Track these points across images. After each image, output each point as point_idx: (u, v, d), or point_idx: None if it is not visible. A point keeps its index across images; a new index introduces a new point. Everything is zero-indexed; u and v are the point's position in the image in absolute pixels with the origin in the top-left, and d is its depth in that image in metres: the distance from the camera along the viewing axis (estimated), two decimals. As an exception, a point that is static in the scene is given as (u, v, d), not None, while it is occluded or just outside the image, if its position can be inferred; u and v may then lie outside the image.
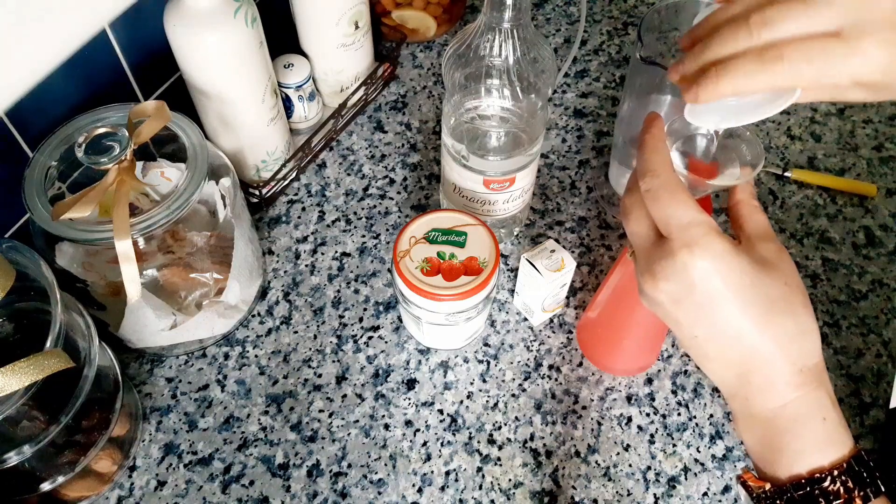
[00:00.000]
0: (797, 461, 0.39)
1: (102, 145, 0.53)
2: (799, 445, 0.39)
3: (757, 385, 0.40)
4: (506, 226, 0.72)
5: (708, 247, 0.38)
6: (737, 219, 0.44)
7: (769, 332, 0.39)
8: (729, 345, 0.39)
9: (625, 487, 0.60)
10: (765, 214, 0.44)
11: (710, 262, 0.38)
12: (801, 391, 0.39)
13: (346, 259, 0.73)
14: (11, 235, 0.62)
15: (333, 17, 0.73)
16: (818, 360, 0.40)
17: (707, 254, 0.38)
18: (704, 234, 0.39)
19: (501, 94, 0.58)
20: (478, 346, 0.67)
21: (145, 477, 0.60)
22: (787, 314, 0.39)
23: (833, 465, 0.38)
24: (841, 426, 0.40)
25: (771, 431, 0.40)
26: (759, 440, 0.41)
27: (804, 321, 0.39)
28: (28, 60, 0.56)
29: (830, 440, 0.39)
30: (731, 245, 0.39)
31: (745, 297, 0.38)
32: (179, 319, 0.60)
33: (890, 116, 0.84)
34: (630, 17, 0.95)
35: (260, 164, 0.73)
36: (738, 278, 0.38)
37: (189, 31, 0.59)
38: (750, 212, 0.43)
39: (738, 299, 0.38)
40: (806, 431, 0.39)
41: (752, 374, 0.39)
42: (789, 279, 0.40)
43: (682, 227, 0.39)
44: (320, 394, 0.64)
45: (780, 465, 0.40)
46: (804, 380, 0.39)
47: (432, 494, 0.59)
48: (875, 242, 0.74)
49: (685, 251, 0.39)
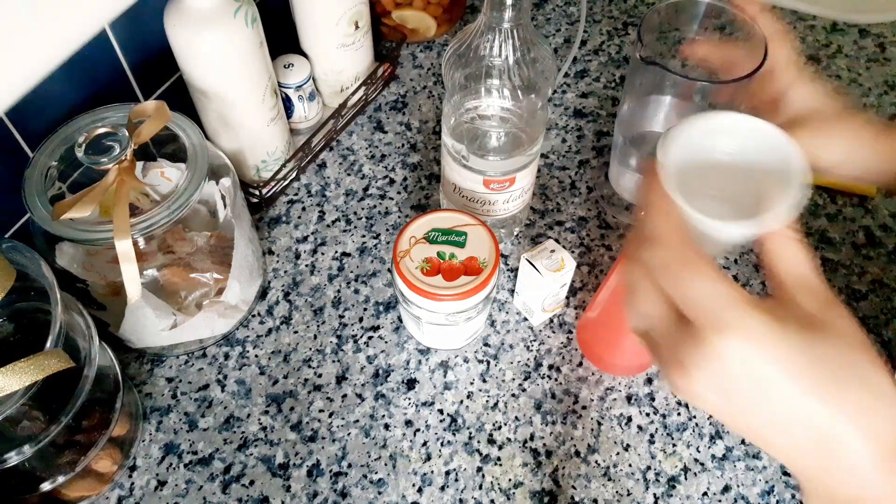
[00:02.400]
0: None
1: (102, 145, 0.53)
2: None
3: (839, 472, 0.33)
4: (506, 226, 0.72)
5: (743, 327, 0.32)
6: (768, 259, 0.36)
7: (840, 410, 0.32)
8: (797, 432, 0.33)
9: (625, 487, 0.60)
10: (807, 253, 0.35)
11: (750, 344, 0.32)
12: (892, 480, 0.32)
13: (346, 259, 0.73)
14: (11, 235, 0.62)
15: (333, 17, 0.73)
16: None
17: (744, 336, 0.32)
18: (735, 310, 0.32)
19: (501, 94, 0.58)
20: (478, 346, 0.67)
21: (145, 477, 0.60)
22: (858, 383, 0.32)
23: None
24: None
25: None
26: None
27: (883, 387, 0.33)
28: (28, 60, 0.56)
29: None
30: (769, 317, 0.33)
31: (801, 375, 0.32)
32: (179, 319, 0.60)
33: (890, 116, 0.84)
34: (630, 17, 0.95)
35: (260, 164, 0.73)
36: (787, 355, 0.32)
37: (189, 31, 0.59)
38: (785, 250, 0.35)
39: (794, 380, 0.32)
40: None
41: (832, 461, 0.33)
42: (850, 338, 0.33)
43: (708, 305, 0.33)
44: (320, 394, 0.64)
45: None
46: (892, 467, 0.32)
47: (432, 494, 0.59)
48: (875, 242, 0.74)
49: (717, 337, 0.32)
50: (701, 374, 0.34)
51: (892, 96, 0.86)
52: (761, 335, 0.32)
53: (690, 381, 0.34)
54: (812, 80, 0.49)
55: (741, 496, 0.59)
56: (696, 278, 0.33)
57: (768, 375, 0.32)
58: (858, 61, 0.90)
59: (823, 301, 0.34)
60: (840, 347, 0.33)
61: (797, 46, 0.46)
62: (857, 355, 0.33)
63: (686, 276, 0.34)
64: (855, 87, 0.87)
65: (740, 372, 0.33)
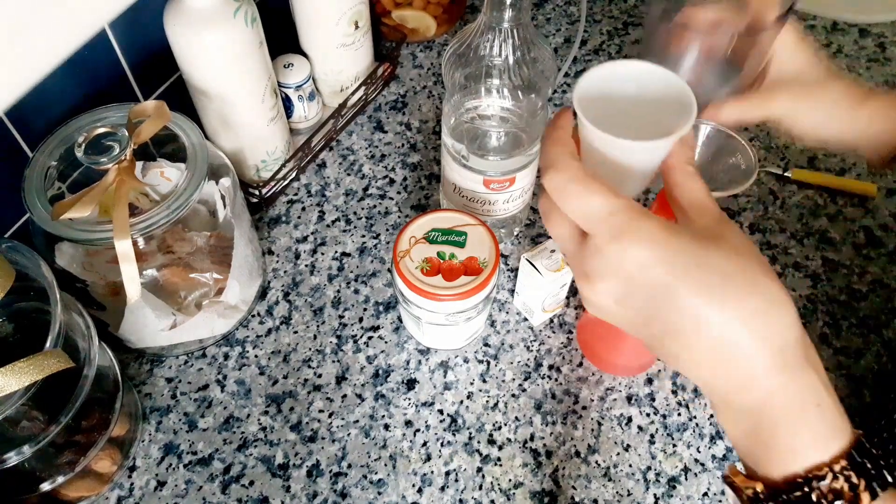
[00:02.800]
0: (792, 458, 0.34)
1: (102, 145, 0.53)
2: (792, 440, 0.34)
3: (736, 376, 0.34)
4: (506, 226, 0.72)
5: (637, 233, 0.34)
6: (669, 189, 0.38)
7: (731, 314, 0.33)
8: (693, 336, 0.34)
9: (625, 487, 0.60)
10: (702, 182, 0.37)
11: (644, 248, 0.34)
12: (787, 375, 0.34)
13: (346, 259, 0.73)
14: (11, 235, 0.61)
15: (333, 17, 0.73)
16: (798, 334, 0.34)
17: (638, 241, 0.34)
18: (630, 219, 0.34)
19: (501, 94, 0.58)
20: (478, 346, 0.67)
21: (145, 477, 0.60)
22: (748, 288, 0.34)
23: (833, 458, 0.33)
24: (837, 412, 0.34)
25: (758, 426, 0.35)
26: (746, 434, 0.36)
27: (772, 291, 0.34)
28: (28, 60, 0.56)
29: (828, 430, 0.34)
30: (663, 225, 0.34)
31: (693, 279, 0.33)
32: (179, 319, 0.60)
33: (890, 116, 0.84)
34: (630, 17, 0.95)
35: (260, 164, 0.73)
36: (680, 261, 0.34)
37: (189, 31, 0.59)
38: (684, 179, 0.38)
39: (686, 284, 0.33)
40: (798, 423, 0.34)
41: (726, 366, 0.34)
42: (740, 248, 0.35)
43: (603, 218, 0.35)
44: (320, 394, 0.64)
45: (771, 462, 0.35)
46: (786, 361, 0.34)
47: (432, 494, 0.59)
48: (875, 242, 0.74)
49: (613, 244, 0.34)
50: (602, 284, 0.36)
51: (893, 96, 0.86)
52: (655, 241, 0.34)
53: (595, 292, 0.36)
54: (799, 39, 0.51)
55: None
56: (588, 194, 0.35)
57: (662, 280, 0.34)
58: (858, 61, 0.90)
59: (716, 218, 0.36)
60: (731, 255, 0.34)
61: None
62: (747, 262, 0.34)
63: (578, 192, 0.35)
64: (855, 87, 0.87)
65: (638, 277, 0.34)
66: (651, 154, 0.37)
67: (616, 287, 0.35)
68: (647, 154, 0.37)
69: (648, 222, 0.34)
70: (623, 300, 0.36)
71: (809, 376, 0.34)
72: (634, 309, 0.36)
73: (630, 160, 0.38)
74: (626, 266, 0.34)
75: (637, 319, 0.36)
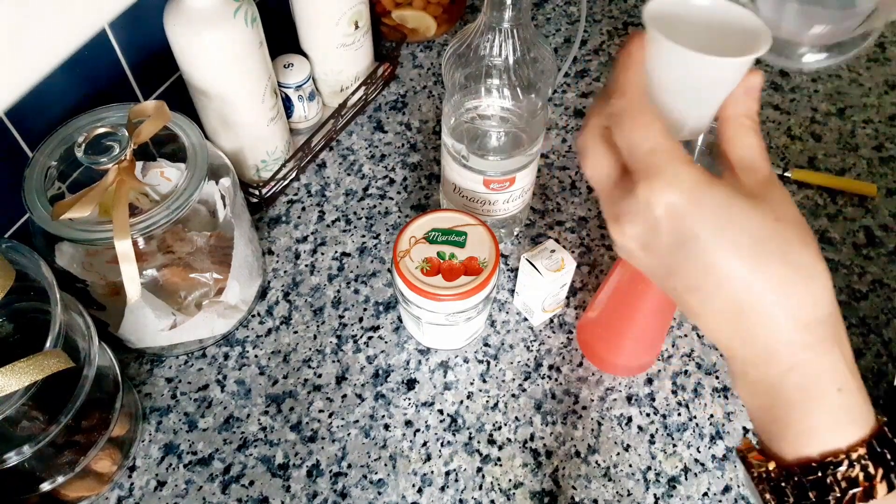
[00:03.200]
0: (807, 441, 0.33)
1: (102, 145, 0.53)
2: (809, 422, 0.32)
3: (755, 346, 0.33)
4: (506, 226, 0.72)
5: (672, 179, 0.32)
6: (722, 142, 0.35)
7: (760, 279, 0.31)
8: (715, 295, 0.33)
9: (625, 487, 0.60)
10: (756, 138, 0.35)
11: (677, 196, 0.32)
12: (810, 353, 0.32)
13: (346, 259, 0.73)
14: (11, 235, 0.61)
15: (333, 17, 0.73)
16: (830, 311, 0.32)
17: (671, 187, 0.32)
18: (668, 161, 0.32)
19: (501, 94, 0.58)
20: (478, 346, 0.67)
21: (145, 477, 0.60)
22: (781, 256, 0.32)
23: (851, 446, 0.32)
24: (860, 397, 0.33)
25: (775, 402, 0.33)
26: (762, 409, 0.34)
27: (806, 263, 0.32)
28: (28, 60, 0.56)
29: (848, 416, 0.32)
30: (702, 175, 0.32)
31: (723, 237, 0.32)
32: (179, 319, 0.60)
33: (890, 116, 0.84)
34: (630, 17, 0.95)
35: (260, 164, 0.73)
36: (712, 215, 0.32)
37: (189, 31, 0.59)
38: (737, 132, 0.35)
39: (714, 240, 0.32)
40: (817, 405, 0.32)
41: (748, 332, 0.33)
42: (781, 213, 0.33)
43: (643, 155, 0.33)
44: (320, 394, 0.64)
45: (786, 441, 0.33)
46: (813, 338, 0.32)
47: (432, 494, 0.59)
48: (875, 242, 0.74)
49: (645, 185, 0.32)
50: (630, 227, 0.34)
51: (892, 96, 0.86)
52: (690, 189, 0.32)
53: (623, 235, 0.35)
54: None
55: (741, 496, 0.59)
56: (644, 127, 0.33)
57: (690, 232, 0.32)
58: (858, 61, 0.90)
59: (764, 179, 0.34)
60: (770, 222, 0.32)
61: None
62: (788, 233, 0.33)
63: (636, 122, 0.34)
64: (855, 86, 0.87)
65: (663, 225, 0.32)
66: (724, 75, 0.35)
67: (643, 232, 0.34)
68: (719, 75, 0.35)
69: (687, 168, 0.32)
70: (648, 246, 0.34)
71: (834, 357, 0.32)
72: (659, 258, 0.34)
73: (700, 83, 0.35)
74: (655, 211, 0.32)
75: (661, 270, 0.35)
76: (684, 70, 0.35)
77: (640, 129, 0.33)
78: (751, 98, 0.36)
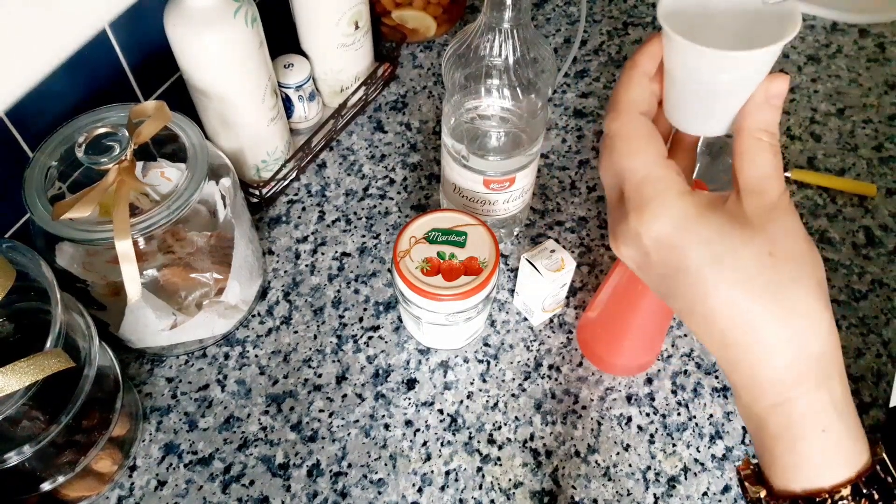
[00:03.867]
0: (792, 476, 0.33)
1: (102, 145, 0.53)
2: (792, 459, 0.33)
3: (742, 376, 0.33)
4: (506, 226, 0.72)
5: (660, 212, 0.32)
6: (734, 156, 0.34)
7: (744, 316, 0.31)
8: (704, 323, 0.32)
9: (625, 487, 0.60)
10: (770, 155, 0.33)
11: (666, 228, 0.32)
12: (795, 391, 0.32)
13: (346, 259, 0.73)
14: (11, 235, 0.62)
15: (333, 17, 0.73)
16: (823, 350, 0.31)
17: (659, 219, 0.32)
18: (658, 192, 0.32)
19: (501, 94, 0.58)
20: (478, 346, 0.67)
21: (145, 477, 0.60)
22: (770, 294, 0.31)
23: (835, 487, 0.31)
24: (849, 438, 0.33)
25: (763, 433, 0.33)
26: (753, 434, 0.34)
27: (794, 301, 0.31)
28: (28, 60, 0.56)
29: (834, 455, 0.32)
30: (693, 206, 0.32)
31: (712, 270, 0.31)
32: (179, 319, 0.60)
33: (890, 116, 0.84)
34: (630, 17, 0.95)
35: (260, 164, 0.73)
36: (702, 247, 0.31)
37: (189, 31, 0.59)
38: (750, 147, 0.33)
39: (703, 273, 0.31)
40: (800, 444, 0.32)
41: (736, 363, 0.33)
42: (779, 246, 0.31)
43: (635, 184, 0.33)
44: (320, 394, 0.64)
45: (773, 472, 0.34)
46: (797, 377, 0.31)
47: (432, 494, 0.59)
48: (875, 242, 0.74)
49: (635, 216, 0.32)
50: (625, 248, 0.35)
51: (892, 96, 0.86)
52: (677, 223, 0.32)
53: (620, 253, 0.35)
54: None
55: (740, 496, 0.59)
56: (636, 154, 0.33)
57: (677, 265, 0.32)
58: (858, 61, 0.90)
59: (770, 205, 0.32)
60: (761, 257, 0.31)
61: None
62: (780, 270, 0.31)
63: (630, 148, 0.33)
64: (855, 86, 0.87)
65: (652, 255, 0.33)
66: (742, 73, 0.32)
67: (635, 256, 0.34)
68: (737, 72, 0.32)
69: (679, 200, 0.32)
70: (643, 269, 0.35)
71: (820, 398, 0.32)
72: (652, 281, 0.35)
73: (716, 78, 0.33)
74: (644, 241, 0.33)
75: (657, 289, 0.35)
76: (698, 66, 0.33)
77: (631, 156, 0.33)
78: (772, 107, 0.33)
